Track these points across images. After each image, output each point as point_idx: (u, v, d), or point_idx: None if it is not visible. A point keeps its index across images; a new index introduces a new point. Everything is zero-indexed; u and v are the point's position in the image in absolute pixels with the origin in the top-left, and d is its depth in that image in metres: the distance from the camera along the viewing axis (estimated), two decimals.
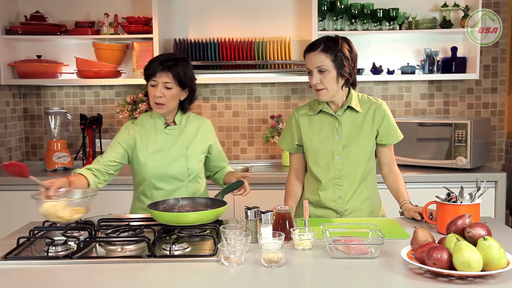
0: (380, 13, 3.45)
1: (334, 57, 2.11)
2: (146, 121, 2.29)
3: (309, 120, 2.26)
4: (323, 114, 2.23)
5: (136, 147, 2.24)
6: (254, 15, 3.66)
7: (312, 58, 2.13)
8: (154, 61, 2.19)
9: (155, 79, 2.16)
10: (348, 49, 2.15)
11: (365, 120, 2.22)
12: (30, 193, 1.82)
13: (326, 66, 2.11)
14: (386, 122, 2.23)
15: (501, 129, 3.72)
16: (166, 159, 2.23)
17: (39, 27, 3.52)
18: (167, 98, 2.17)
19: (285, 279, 1.53)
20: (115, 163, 2.23)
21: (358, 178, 2.23)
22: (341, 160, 2.20)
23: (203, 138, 2.32)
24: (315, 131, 2.24)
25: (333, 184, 2.22)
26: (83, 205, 1.88)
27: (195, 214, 1.86)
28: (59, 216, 1.81)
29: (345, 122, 2.21)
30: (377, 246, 1.67)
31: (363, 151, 2.22)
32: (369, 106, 2.23)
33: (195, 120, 2.35)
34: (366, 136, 2.21)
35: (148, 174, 2.24)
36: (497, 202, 3.17)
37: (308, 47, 2.17)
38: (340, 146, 2.21)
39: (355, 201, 2.23)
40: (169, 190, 2.25)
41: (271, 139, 3.55)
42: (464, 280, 1.44)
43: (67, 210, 1.82)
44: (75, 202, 1.87)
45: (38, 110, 3.81)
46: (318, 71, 2.12)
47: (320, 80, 2.12)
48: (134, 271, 1.59)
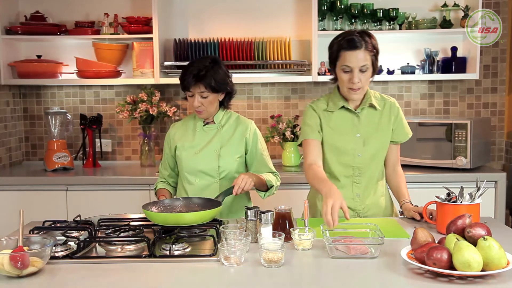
0: (380, 13, 3.45)
1: (373, 56, 2.07)
2: (189, 120, 2.40)
3: (328, 116, 2.21)
4: (343, 110, 2.19)
5: (176, 146, 2.35)
6: (254, 15, 3.66)
7: (358, 57, 2.04)
8: (186, 74, 2.21)
9: (190, 90, 2.22)
10: (377, 44, 2.11)
11: (382, 117, 2.20)
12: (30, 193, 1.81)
13: (368, 65, 2.06)
14: (399, 119, 2.23)
15: (501, 129, 3.72)
16: (199, 155, 2.29)
17: (39, 27, 3.52)
18: (206, 105, 2.25)
19: (285, 279, 1.53)
20: (171, 170, 2.44)
21: (375, 175, 2.23)
22: (362, 158, 2.18)
23: (240, 139, 2.32)
24: (334, 128, 2.20)
25: (351, 182, 2.21)
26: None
27: (179, 215, 1.88)
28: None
29: (364, 120, 2.19)
30: (377, 246, 1.67)
31: (381, 148, 2.22)
32: (384, 103, 2.22)
33: (236, 120, 2.36)
34: (384, 133, 2.21)
35: (182, 167, 2.33)
36: (497, 202, 3.17)
37: (349, 45, 2.05)
38: (360, 143, 2.18)
39: (372, 199, 2.23)
40: (201, 185, 2.29)
41: (271, 139, 3.54)
42: (464, 280, 1.44)
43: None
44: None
45: (38, 110, 3.81)
46: (359, 70, 2.06)
47: (360, 79, 2.07)
48: (134, 271, 1.59)
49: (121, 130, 3.81)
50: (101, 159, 3.67)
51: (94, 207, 2.97)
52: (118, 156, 3.82)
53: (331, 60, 2.15)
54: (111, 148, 3.81)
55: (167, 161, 2.42)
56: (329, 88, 3.73)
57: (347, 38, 2.07)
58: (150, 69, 3.49)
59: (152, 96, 3.50)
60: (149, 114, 3.50)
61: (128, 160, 3.82)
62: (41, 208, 3.15)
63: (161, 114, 3.53)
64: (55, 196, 3.21)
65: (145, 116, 3.51)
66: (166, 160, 2.43)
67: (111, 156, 3.81)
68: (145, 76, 3.51)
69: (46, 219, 2.06)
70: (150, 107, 3.47)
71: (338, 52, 2.08)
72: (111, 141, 3.81)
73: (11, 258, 1.50)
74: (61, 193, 3.22)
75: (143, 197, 3.17)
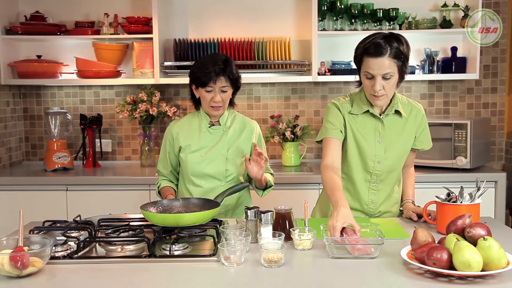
0: (380, 13, 3.45)
1: (400, 62, 1.95)
2: (192, 119, 2.33)
3: (352, 118, 2.12)
4: (367, 114, 2.11)
5: (180, 147, 2.29)
6: (254, 15, 3.66)
7: (380, 64, 1.92)
8: (206, 68, 2.17)
9: (211, 85, 2.18)
10: (407, 48, 1.98)
11: (406, 124, 2.12)
12: (30, 193, 1.80)
13: (393, 72, 1.95)
14: (423, 127, 2.16)
15: (501, 129, 3.72)
16: (206, 157, 2.25)
17: (39, 27, 3.52)
18: (225, 101, 2.23)
19: (285, 279, 1.53)
20: (172, 169, 2.38)
21: (392, 183, 2.18)
22: (381, 164, 2.12)
23: (246, 141, 2.31)
24: (357, 132, 2.11)
25: (367, 187, 2.16)
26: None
27: (178, 216, 1.87)
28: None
29: (388, 126, 2.10)
30: (377, 246, 1.67)
31: (401, 157, 2.15)
32: (410, 110, 2.13)
33: (241, 121, 2.34)
34: (406, 140, 2.14)
35: (187, 170, 2.27)
36: (497, 202, 3.17)
37: (374, 51, 1.93)
38: (381, 150, 2.11)
39: (386, 205, 2.20)
40: (207, 188, 2.26)
41: (271, 139, 3.54)
42: (464, 280, 1.44)
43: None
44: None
45: (38, 110, 3.81)
46: (382, 78, 1.96)
47: (383, 86, 1.97)
48: (134, 271, 1.59)
49: (121, 130, 3.81)
50: (101, 159, 3.68)
51: (94, 207, 2.97)
52: (118, 156, 3.82)
53: (355, 63, 2.05)
54: (111, 148, 3.81)
55: (169, 160, 2.35)
56: (329, 89, 3.73)
57: (372, 42, 1.95)
58: (150, 69, 3.49)
59: (152, 96, 3.50)
60: (149, 114, 3.50)
61: (128, 160, 3.82)
62: (41, 208, 3.15)
63: (161, 114, 3.53)
64: (55, 196, 3.22)
65: (145, 116, 3.52)
66: (167, 158, 2.35)
67: (111, 156, 3.81)
68: (145, 76, 3.51)
69: (46, 219, 2.07)
70: (150, 107, 3.47)
71: (362, 56, 1.98)
72: (111, 141, 3.81)
73: (11, 258, 1.50)
74: (61, 193, 3.22)
75: (143, 197, 3.17)
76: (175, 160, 2.35)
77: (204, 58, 2.27)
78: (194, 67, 2.25)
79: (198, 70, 2.21)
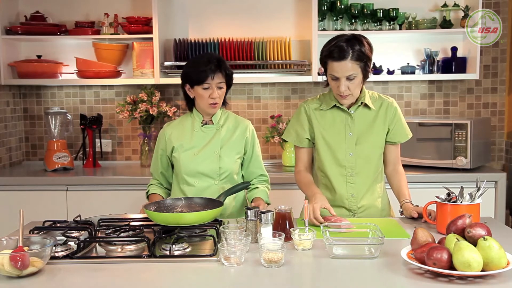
0: (380, 13, 3.45)
1: (363, 64, 2.06)
2: (185, 120, 2.35)
3: (320, 115, 2.23)
4: (336, 109, 2.21)
5: (173, 147, 2.30)
6: (254, 15, 3.66)
7: (343, 67, 2.04)
8: (202, 66, 2.19)
9: (208, 82, 2.20)
10: (369, 50, 2.10)
11: (377, 117, 2.21)
12: (30, 193, 1.80)
13: (356, 73, 2.06)
14: (397, 120, 2.23)
15: (501, 129, 3.72)
16: (199, 156, 2.26)
17: (39, 27, 3.52)
18: (221, 97, 2.26)
19: (285, 279, 1.53)
20: (163, 170, 2.38)
21: (370, 175, 2.23)
22: (354, 157, 2.19)
23: (239, 139, 2.31)
24: (327, 127, 2.22)
25: (345, 181, 2.21)
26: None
27: (182, 215, 1.88)
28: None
29: (358, 119, 2.20)
30: (377, 246, 1.67)
31: (375, 148, 2.22)
32: (380, 104, 2.22)
33: (234, 120, 2.36)
34: (378, 133, 2.21)
35: (181, 169, 2.27)
36: (497, 202, 3.17)
37: (336, 55, 2.05)
38: (352, 143, 2.19)
39: (368, 199, 2.23)
40: (201, 187, 2.26)
41: (271, 139, 3.54)
42: (464, 280, 1.45)
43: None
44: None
45: (38, 110, 3.81)
46: (346, 79, 2.07)
47: (347, 87, 2.08)
48: (134, 271, 1.59)
49: (121, 130, 3.81)
50: (101, 159, 3.68)
51: (94, 207, 2.97)
52: (118, 156, 3.82)
53: (322, 65, 2.17)
54: (111, 148, 3.81)
55: (160, 161, 2.35)
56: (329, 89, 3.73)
57: (335, 45, 2.06)
58: (150, 69, 3.49)
59: (152, 96, 3.50)
60: (149, 114, 3.50)
61: (128, 160, 3.82)
62: (41, 208, 3.15)
63: (161, 114, 3.53)
64: (55, 196, 3.21)
65: (145, 116, 3.52)
66: (158, 160, 2.36)
67: (111, 156, 3.81)
68: (145, 76, 3.51)
69: (46, 219, 2.06)
70: (150, 107, 3.47)
71: (326, 60, 2.10)
72: (111, 141, 3.81)
73: (11, 258, 1.50)
74: (61, 193, 3.22)
75: (143, 197, 3.16)
76: (166, 161, 2.35)
77: (196, 58, 2.32)
78: (188, 67, 2.27)
79: (193, 69, 2.22)
